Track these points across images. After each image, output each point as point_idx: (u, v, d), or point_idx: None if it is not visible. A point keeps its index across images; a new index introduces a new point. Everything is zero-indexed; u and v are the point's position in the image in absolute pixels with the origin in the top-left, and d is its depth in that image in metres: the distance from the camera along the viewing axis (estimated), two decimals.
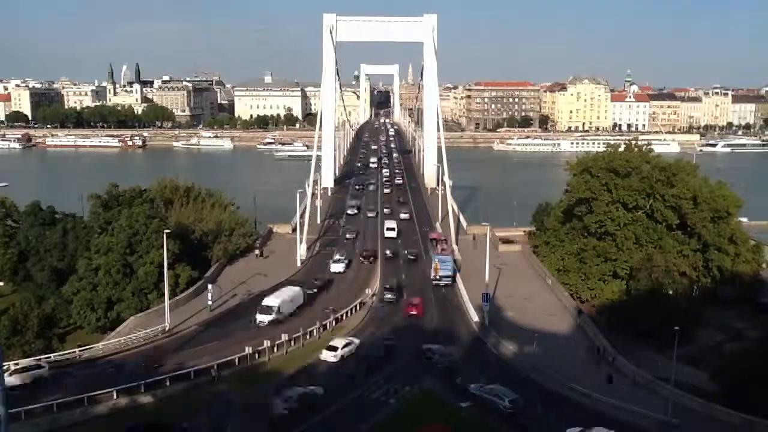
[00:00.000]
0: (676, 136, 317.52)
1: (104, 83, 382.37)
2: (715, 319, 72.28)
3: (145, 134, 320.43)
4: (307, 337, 57.16)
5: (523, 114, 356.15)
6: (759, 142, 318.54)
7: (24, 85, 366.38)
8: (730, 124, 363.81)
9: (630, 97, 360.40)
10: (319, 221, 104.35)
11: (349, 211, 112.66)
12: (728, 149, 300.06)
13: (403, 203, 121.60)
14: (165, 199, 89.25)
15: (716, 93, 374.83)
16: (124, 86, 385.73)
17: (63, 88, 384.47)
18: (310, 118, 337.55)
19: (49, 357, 52.94)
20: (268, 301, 62.30)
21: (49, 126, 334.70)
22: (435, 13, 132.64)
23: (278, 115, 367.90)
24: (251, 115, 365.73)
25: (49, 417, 40.73)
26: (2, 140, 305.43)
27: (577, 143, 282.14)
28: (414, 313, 64.11)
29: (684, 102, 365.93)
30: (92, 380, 46.56)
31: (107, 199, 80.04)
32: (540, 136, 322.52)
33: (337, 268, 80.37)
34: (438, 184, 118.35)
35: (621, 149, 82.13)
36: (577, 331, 63.02)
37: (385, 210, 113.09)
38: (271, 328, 58.51)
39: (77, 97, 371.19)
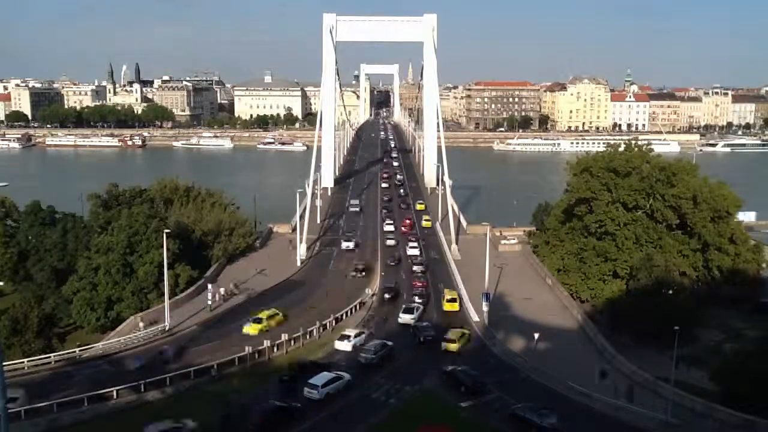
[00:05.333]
0: (676, 136, 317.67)
1: (104, 83, 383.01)
2: (715, 319, 72.22)
3: (145, 134, 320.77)
4: (307, 336, 57.22)
5: (523, 114, 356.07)
6: (759, 141, 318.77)
7: (24, 84, 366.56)
8: (730, 124, 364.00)
9: (630, 97, 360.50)
10: (318, 221, 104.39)
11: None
12: (728, 149, 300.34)
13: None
14: (165, 199, 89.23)
15: (716, 93, 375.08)
16: (124, 86, 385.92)
17: (63, 87, 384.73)
18: (310, 117, 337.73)
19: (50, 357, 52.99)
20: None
21: (49, 126, 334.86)
22: (435, 13, 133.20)
23: (278, 114, 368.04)
24: (251, 115, 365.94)
25: (49, 416, 40.73)
26: (2, 140, 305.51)
27: (577, 143, 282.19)
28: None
29: (684, 102, 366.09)
30: (92, 379, 46.67)
31: (107, 199, 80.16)
32: (540, 136, 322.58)
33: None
34: (438, 184, 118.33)
35: (621, 149, 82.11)
36: (577, 331, 63.01)
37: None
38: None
39: (77, 97, 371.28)
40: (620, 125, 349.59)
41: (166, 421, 39.46)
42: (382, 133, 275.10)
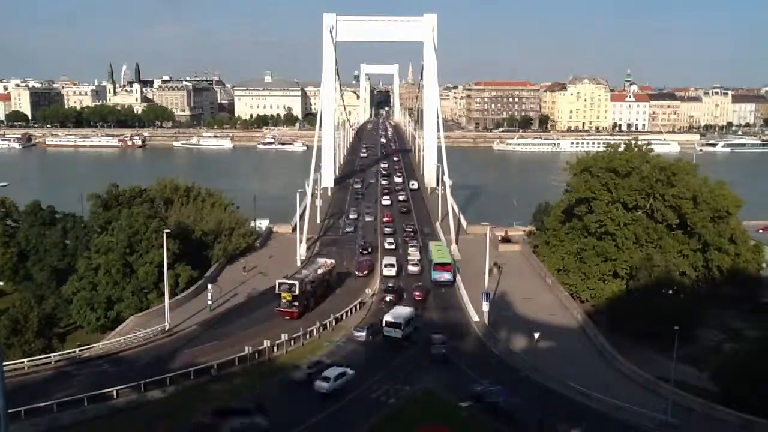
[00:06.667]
0: (676, 136, 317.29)
1: (104, 83, 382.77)
2: (715, 319, 72.28)
3: (145, 134, 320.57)
4: (307, 336, 57.24)
5: (523, 114, 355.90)
6: (759, 141, 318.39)
7: (24, 84, 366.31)
8: (730, 124, 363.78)
9: (630, 97, 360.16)
10: (318, 221, 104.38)
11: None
12: (728, 149, 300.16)
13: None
14: (165, 198, 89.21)
15: (716, 93, 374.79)
16: (124, 86, 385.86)
17: (63, 87, 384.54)
18: (310, 117, 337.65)
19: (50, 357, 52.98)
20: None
21: (49, 126, 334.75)
22: (435, 13, 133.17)
23: (278, 114, 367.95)
24: (251, 115, 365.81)
25: (49, 416, 40.72)
26: (2, 140, 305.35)
27: (577, 143, 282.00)
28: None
29: (684, 102, 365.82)
30: (91, 379, 46.67)
31: (107, 199, 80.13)
32: (540, 136, 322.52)
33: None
34: (438, 184, 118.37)
35: (621, 149, 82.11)
36: (577, 331, 63.02)
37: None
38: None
39: (77, 97, 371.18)
40: (620, 125, 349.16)
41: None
42: (383, 131, 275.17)
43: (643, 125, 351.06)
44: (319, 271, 70.35)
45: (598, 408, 45.66)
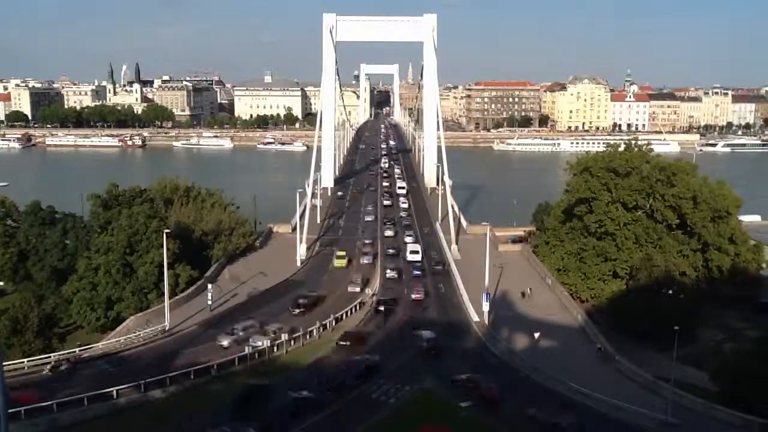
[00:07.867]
0: (676, 136, 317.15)
1: (104, 83, 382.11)
2: (715, 319, 72.33)
3: (145, 134, 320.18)
4: (307, 337, 57.24)
5: (523, 114, 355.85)
6: (759, 142, 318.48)
7: (24, 84, 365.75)
8: (730, 124, 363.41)
9: (630, 97, 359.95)
10: (318, 221, 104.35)
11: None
12: (728, 149, 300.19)
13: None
14: (165, 198, 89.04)
15: (716, 93, 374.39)
16: (124, 86, 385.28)
17: (63, 87, 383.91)
18: (310, 117, 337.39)
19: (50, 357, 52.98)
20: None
21: (49, 126, 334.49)
22: (435, 13, 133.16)
23: (278, 114, 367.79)
24: (251, 115, 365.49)
25: (49, 416, 40.69)
26: (2, 140, 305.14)
27: (577, 143, 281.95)
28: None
29: (684, 102, 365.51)
30: (91, 379, 46.67)
31: (107, 199, 79.98)
32: (540, 136, 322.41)
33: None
34: (438, 184, 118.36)
35: (621, 149, 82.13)
36: (577, 331, 63.02)
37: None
38: None
39: (77, 97, 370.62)
40: (620, 125, 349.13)
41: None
42: (382, 133, 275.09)
43: (643, 125, 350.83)
44: None
45: (598, 408, 45.66)
